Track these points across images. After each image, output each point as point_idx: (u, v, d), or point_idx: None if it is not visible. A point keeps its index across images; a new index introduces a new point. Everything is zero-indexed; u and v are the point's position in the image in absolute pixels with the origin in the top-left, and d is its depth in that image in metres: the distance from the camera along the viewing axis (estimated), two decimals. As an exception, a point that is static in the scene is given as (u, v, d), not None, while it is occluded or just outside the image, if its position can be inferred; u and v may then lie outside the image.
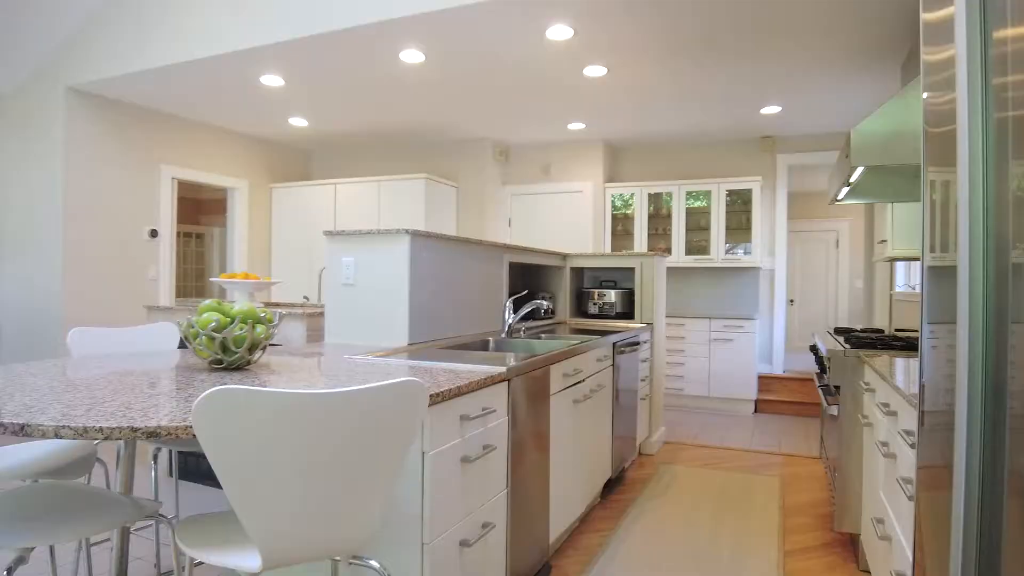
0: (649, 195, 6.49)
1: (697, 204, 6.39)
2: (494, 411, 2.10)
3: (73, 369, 1.93)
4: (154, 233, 5.71)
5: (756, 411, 6.09)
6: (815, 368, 3.82)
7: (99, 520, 1.49)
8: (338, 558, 1.39)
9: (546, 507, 2.62)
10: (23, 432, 1.24)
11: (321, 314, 3.65)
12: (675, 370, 6.12)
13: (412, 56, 4.20)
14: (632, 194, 6.56)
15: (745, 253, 6.21)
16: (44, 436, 1.24)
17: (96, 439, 1.24)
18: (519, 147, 6.95)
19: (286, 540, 1.25)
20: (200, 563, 2.47)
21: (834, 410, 2.88)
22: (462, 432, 1.92)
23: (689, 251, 6.39)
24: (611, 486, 3.81)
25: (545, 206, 6.82)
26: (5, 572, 1.35)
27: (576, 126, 6.08)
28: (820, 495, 3.72)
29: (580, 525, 3.22)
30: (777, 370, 6.43)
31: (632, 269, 4.73)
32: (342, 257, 2.95)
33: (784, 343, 6.50)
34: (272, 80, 4.76)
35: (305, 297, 6.72)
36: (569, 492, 2.92)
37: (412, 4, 3.52)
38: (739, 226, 6.25)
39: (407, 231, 2.78)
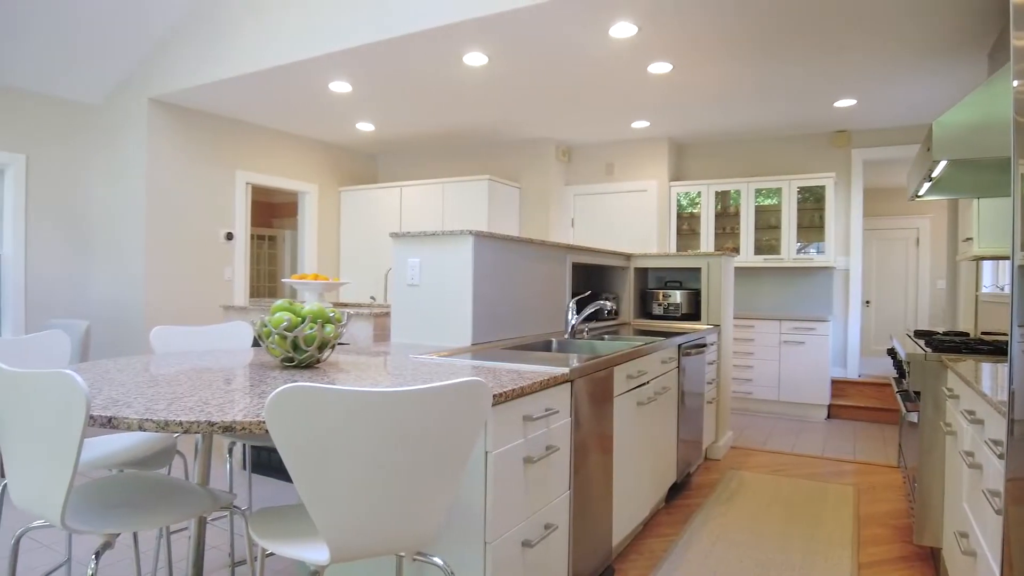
0: (716, 193, 6.34)
1: (767, 202, 6.21)
2: (557, 412, 2.10)
3: (155, 365, 2.03)
4: (230, 236, 5.95)
5: (829, 417, 5.86)
6: (893, 373, 3.65)
7: (179, 510, 1.56)
8: (403, 554, 1.41)
9: (609, 510, 2.59)
10: (110, 424, 1.31)
11: (387, 314, 3.72)
12: (743, 373, 5.96)
13: (476, 59, 4.24)
14: (698, 192, 6.42)
15: (818, 252, 5.99)
16: (129, 428, 1.31)
17: (176, 432, 1.30)
18: (582, 147, 6.91)
19: (353, 535, 1.28)
20: (271, 554, 2.55)
21: (914, 417, 2.74)
22: (525, 432, 1.92)
23: (758, 250, 6.21)
24: (676, 491, 3.74)
25: (608, 206, 6.76)
26: (94, 556, 1.43)
27: (640, 124, 6.00)
28: (898, 505, 3.55)
29: (644, 529, 3.18)
30: (852, 374, 6.17)
31: (698, 269, 4.63)
32: (407, 258, 2.99)
33: (859, 346, 6.24)
34: (340, 86, 4.89)
35: (372, 297, 6.88)
36: (633, 495, 2.89)
37: (477, 6, 3.55)
38: (811, 224, 6.04)
39: (471, 232, 2.80)
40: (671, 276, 4.97)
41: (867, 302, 8.39)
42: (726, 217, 6.41)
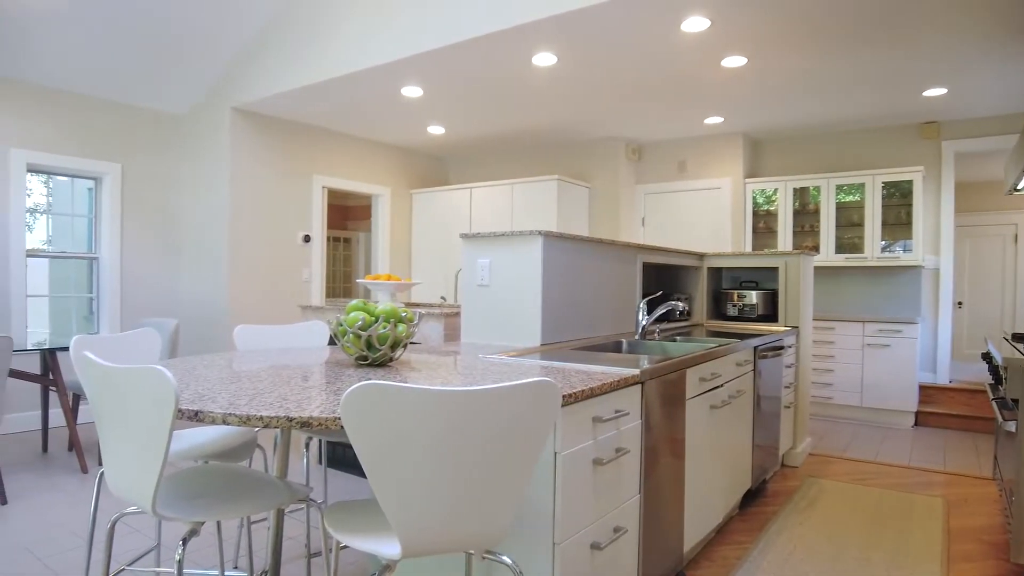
0: (794, 190, 6.12)
1: (849, 198, 5.95)
2: (627, 414, 2.07)
3: (238, 362, 2.12)
4: (307, 238, 6.16)
5: (916, 424, 5.56)
6: (988, 379, 3.43)
7: (259, 501, 1.62)
8: (472, 552, 1.42)
9: (680, 515, 2.54)
10: (196, 418, 1.38)
11: (457, 314, 3.77)
12: (823, 377, 5.73)
13: (545, 59, 4.24)
14: (775, 189, 6.22)
15: (904, 251, 5.70)
16: (213, 422, 1.37)
17: (257, 427, 1.36)
18: (653, 145, 6.80)
19: (424, 531, 1.30)
20: (345, 546, 2.62)
21: (1011, 426, 2.56)
22: (594, 434, 1.90)
23: (840, 249, 5.95)
24: (751, 497, 3.63)
25: (680, 204, 6.63)
26: (181, 542, 1.51)
27: (713, 120, 5.86)
28: (993, 520, 3.33)
29: (717, 536, 3.10)
30: (942, 380, 5.84)
31: (775, 269, 4.48)
32: (477, 259, 3.02)
33: (950, 350, 5.89)
34: (412, 91, 4.98)
35: (442, 297, 6.98)
36: (705, 501, 2.82)
37: (546, 6, 3.55)
38: (897, 221, 5.74)
39: (540, 232, 2.80)
40: (746, 276, 4.82)
41: (959, 303, 7.92)
42: (805, 215, 6.18)
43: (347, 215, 10.25)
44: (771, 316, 4.45)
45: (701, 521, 2.77)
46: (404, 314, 2.09)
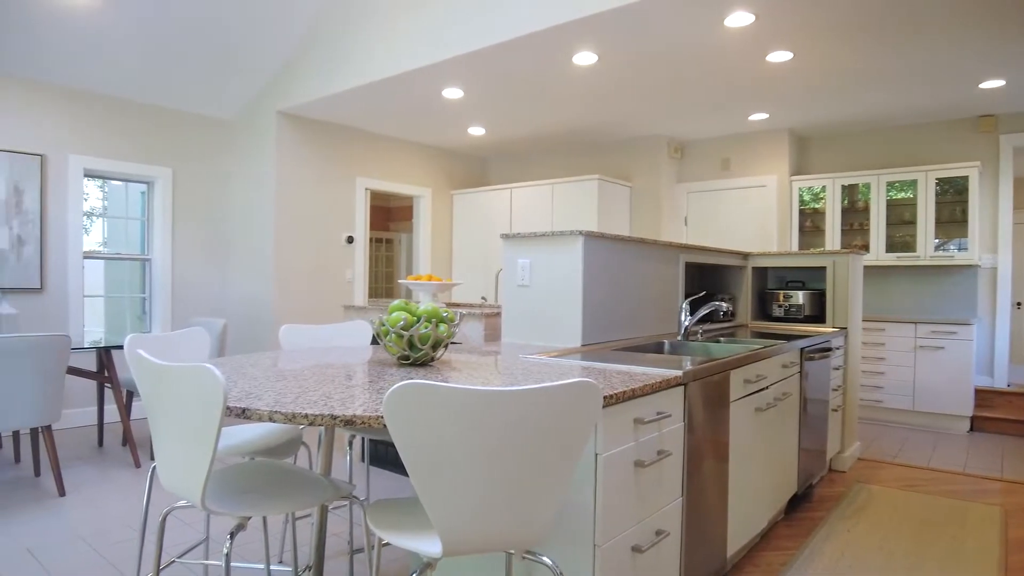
0: (843, 187, 5.97)
1: (900, 195, 5.77)
2: (669, 416, 2.04)
3: (283, 361, 2.16)
4: (350, 239, 6.26)
5: (972, 429, 5.36)
6: (1051, 382, 3.29)
7: (304, 497, 1.65)
8: (512, 551, 1.42)
9: (724, 519, 2.50)
10: (243, 415, 1.41)
11: (498, 314, 3.77)
12: (873, 380, 5.57)
13: (585, 58, 4.22)
14: (823, 187, 6.07)
15: (959, 249, 5.50)
16: (260, 419, 1.40)
17: (302, 424, 1.38)
18: (695, 142, 6.71)
19: (465, 530, 1.31)
20: (387, 543, 2.64)
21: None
22: (636, 436, 1.88)
23: (890, 248, 5.78)
24: (797, 503, 3.55)
25: (724, 203, 6.52)
26: (229, 536, 1.54)
27: (758, 116, 5.75)
28: (1058, 531, 3.19)
29: (761, 541, 3.04)
30: (1000, 383, 5.61)
31: (823, 268, 4.38)
32: (518, 259, 3.02)
33: (1008, 352, 5.67)
34: (452, 93, 5.01)
35: (483, 298, 7.00)
36: (750, 505, 2.77)
37: (586, 5, 3.53)
38: (952, 219, 5.55)
39: (580, 232, 2.79)
40: (792, 276, 4.72)
41: (1019, 304, 7.61)
42: (854, 212, 6.01)
43: (389, 216, 10.37)
44: (818, 317, 4.34)
45: (745, 526, 2.72)
46: (445, 314, 2.10)
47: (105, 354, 4.31)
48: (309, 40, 5.26)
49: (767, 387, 2.91)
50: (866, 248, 5.87)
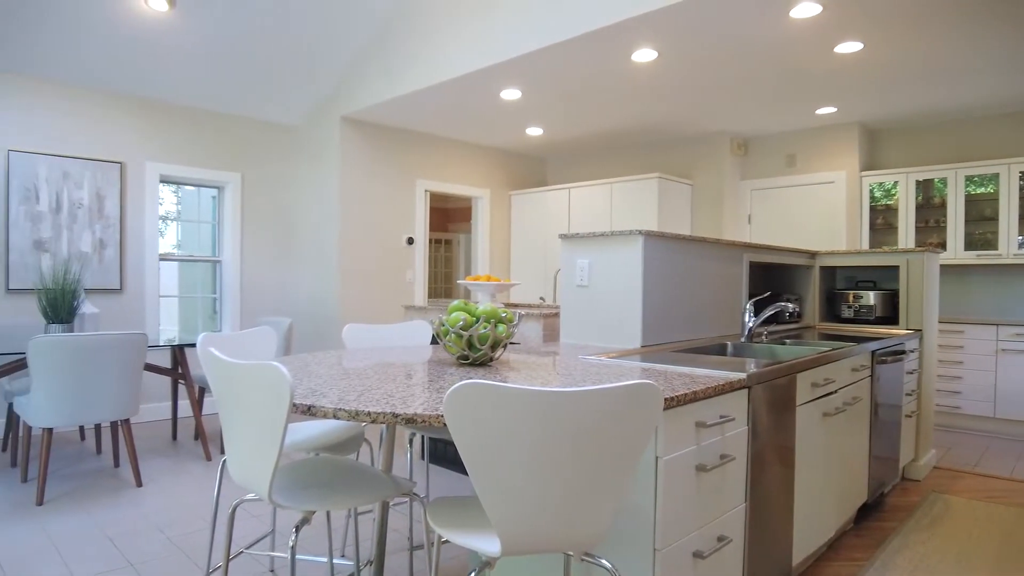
0: (917, 182, 5.70)
1: (980, 190, 5.48)
2: (732, 419, 1.99)
3: (347, 360, 2.21)
4: (410, 240, 6.35)
5: (1062, 438, 5.04)
6: None
7: (366, 493, 1.68)
8: (571, 553, 1.42)
9: (789, 527, 2.42)
10: (309, 412, 1.45)
11: (556, 315, 3.76)
12: (950, 384, 5.30)
13: (645, 55, 4.16)
14: (895, 182, 5.82)
15: (1046, 248, 5.18)
16: (325, 417, 1.43)
17: (365, 422, 1.41)
18: (759, 138, 6.54)
19: (524, 530, 1.31)
20: (446, 541, 2.67)
21: None
22: (697, 439, 1.84)
23: (969, 246, 5.49)
24: (867, 512, 3.41)
25: (790, 200, 6.33)
26: (294, 529, 1.59)
27: (826, 110, 5.56)
28: None
29: (828, 551, 2.93)
30: (1093, 390, 5.26)
31: (895, 268, 4.19)
32: (576, 259, 3.01)
33: (1103, 357, 5.30)
34: (511, 94, 5.03)
35: (541, 298, 7.00)
36: (816, 513, 2.67)
37: (647, 1, 3.48)
38: (1038, 216, 5.23)
39: (640, 232, 2.75)
40: (863, 275, 4.54)
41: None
42: (929, 209, 5.74)
43: (448, 217, 10.49)
44: (891, 318, 4.16)
45: (812, 534, 2.63)
46: (504, 314, 2.11)
47: (179, 352, 4.50)
48: (370, 47, 5.36)
49: (835, 391, 2.81)
50: (942, 246, 5.59)
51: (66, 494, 3.59)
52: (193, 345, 4.39)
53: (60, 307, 3.95)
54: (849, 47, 4.03)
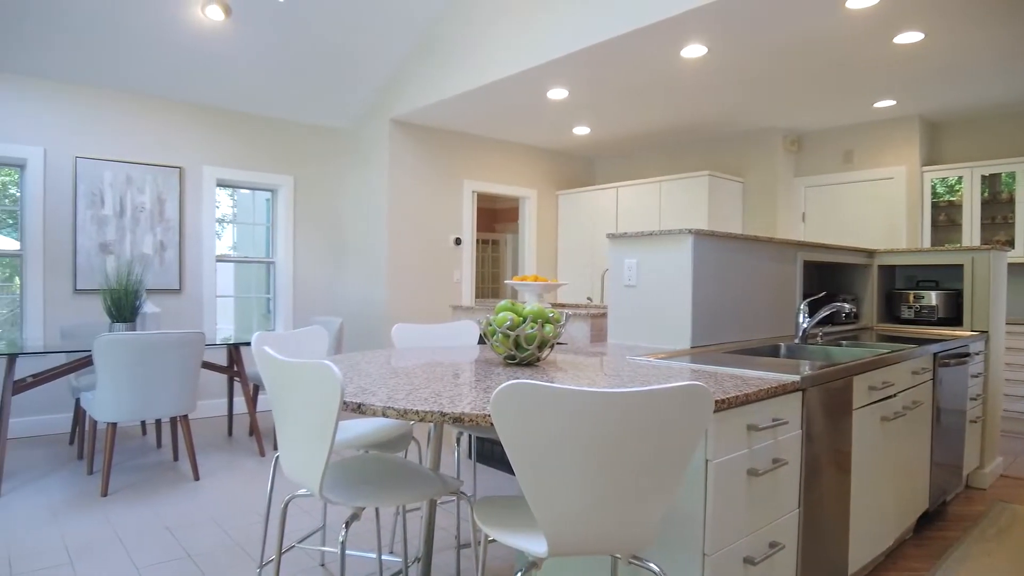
0: (982, 177, 5.46)
1: (1051, 187, 5.21)
2: (786, 423, 1.94)
3: (395, 359, 2.24)
4: (458, 241, 6.40)
5: None
6: None
7: (414, 491, 1.70)
8: (618, 556, 1.40)
9: (845, 534, 2.35)
10: (359, 410, 1.47)
11: (604, 315, 3.74)
12: (1018, 389, 5.06)
13: (694, 51, 4.10)
14: (959, 177, 5.58)
15: (1125, 245, 4.90)
16: (374, 415, 1.45)
17: (413, 420, 1.42)
18: (813, 134, 6.36)
19: (571, 531, 1.30)
20: (493, 540, 2.67)
21: None
22: (749, 442, 1.80)
23: (1039, 244, 5.23)
24: (927, 520, 3.28)
25: (846, 197, 6.14)
26: (344, 525, 1.61)
27: (884, 104, 5.37)
28: None
29: (886, 560, 2.83)
30: None
31: (959, 267, 4.03)
32: (624, 259, 2.98)
33: None
34: (557, 93, 5.02)
35: (588, 298, 6.96)
36: (874, 521, 2.59)
37: (694, -2, 3.43)
38: (1116, 211, 4.95)
39: (690, 231, 2.71)
40: (924, 275, 4.37)
41: None
42: (995, 205, 5.49)
43: (495, 218, 10.52)
44: (954, 319, 4.00)
45: (869, 542, 2.55)
46: (551, 314, 2.10)
47: (234, 350, 4.63)
48: (418, 51, 5.42)
49: (895, 395, 2.71)
50: (1010, 244, 5.34)
51: (128, 486, 3.74)
52: (248, 344, 4.51)
53: (123, 307, 4.11)
54: (909, 37, 3.89)
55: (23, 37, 4.49)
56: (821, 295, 3.51)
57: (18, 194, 5.01)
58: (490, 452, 4.10)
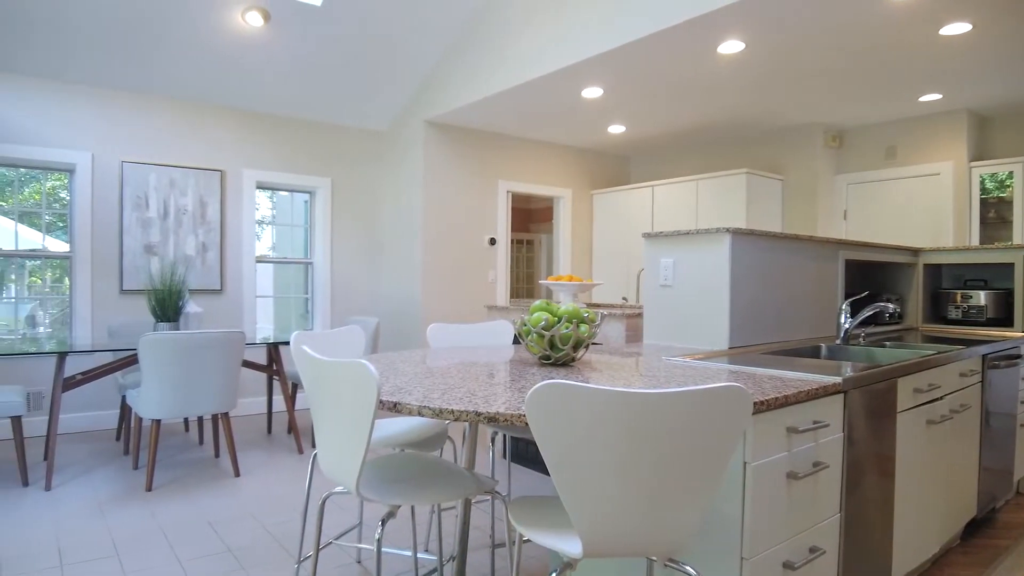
0: (1033, 175, 5.27)
1: (1109, 182, 5.00)
2: (827, 425, 1.90)
3: (431, 358, 2.25)
4: (492, 241, 6.41)
5: None
6: None
7: (449, 490, 1.71)
8: (654, 558, 1.39)
9: (889, 540, 2.29)
10: (395, 409, 1.48)
11: (639, 315, 3.71)
12: (1074, 392, 4.86)
13: (731, 47, 4.04)
14: (1010, 172, 5.39)
15: None
16: (410, 413, 1.46)
17: (448, 419, 1.43)
18: (855, 130, 6.21)
19: (606, 532, 1.29)
20: (528, 540, 2.67)
21: None
22: (789, 445, 1.77)
23: (1096, 242, 5.03)
24: (975, 528, 3.18)
25: (889, 194, 5.99)
26: (380, 523, 1.63)
27: (930, 97, 5.22)
28: None
29: (932, 568, 2.75)
30: None
31: (1010, 265, 3.89)
32: (660, 258, 2.95)
33: None
34: (592, 92, 4.99)
35: (624, 298, 6.91)
36: (919, 527, 2.51)
37: (731, -7, 3.38)
38: None
39: (727, 230, 2.67)
40: (972, 273, 4.23)
41: None
42: (1048, 202, 5.29)
43: (529, 218, 10.52)
44: (1004, 320, 3.86)
45: (913, 549, 2.48)
46: (586, 314, 2.09)
47: (273, 349, 4.72)
48: (452, 52, 5.45)
49: (941, 397, 2.63)
50: (1065, 242, 5.15)
51: (172, 481, 3.84)
52: (287, 343, 4.59)
53: (167, 307, 4.22)
54: (956, 28, 3.77)
55: (74, 47, 4.64)
56: (864, 295, 3.42)
57: (67, 198, 5.18)
58: (525, 452, 4.10)
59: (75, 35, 4.56)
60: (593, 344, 3.07)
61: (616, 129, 6.29)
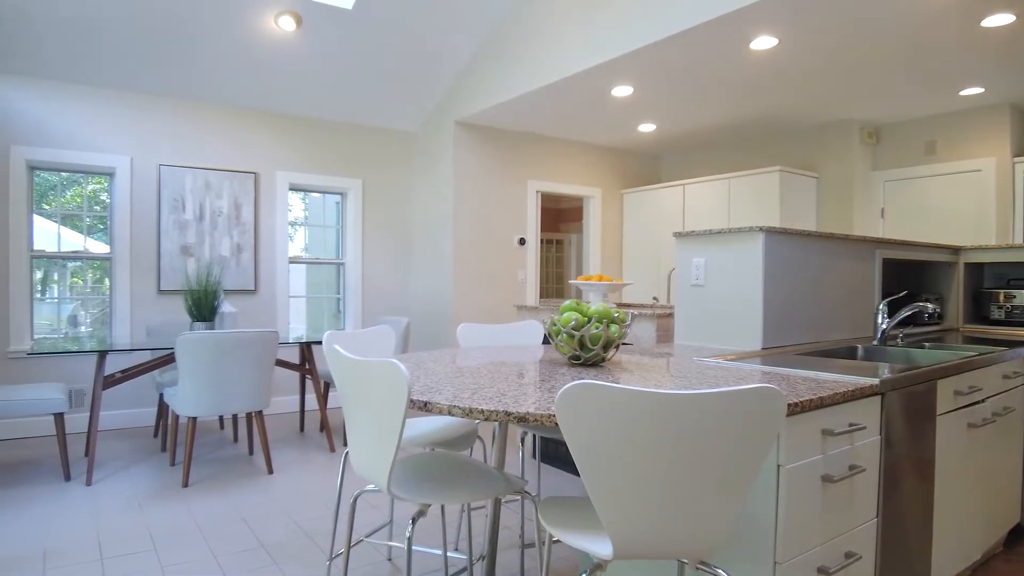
0: (1081, 170, 5.10)
1: None
2: (863, 428, 1.86)
3: (461, 358, 2.26)
4: (522, 241, 6.41)
5: None
6: None
7: (479, 489, 1.71)
8: (685, 561, 1.37)
9: (928, 547, 2.23)
10: (425, 408, 1.49)
11: (670, 315, 3.67)
12: (1125, 395, 4.69)
13: (764, 43, 3.98)
14: (1054, 171, 5.22)
15: None
16: (440, 413, 1.47)
17: (478, 419, 1.43)
18: (893, 125, 6.07)
19: (637, 533, 1.28)
20: (557, 540, 2.67)
21: None
22: (823, 448, 1.74)
23: None
24: (1020, 535, 3.08)
25: (929, 192, 5.84)
26: (411, 521, 1.64)
27: (971, 91, 5.08)
28: None
29: (973, 575, 2.67)
30: None
31: (1055, 265, 3.77)
32: (692, 258, 2.92)
33: None
34: (622, 91, 4.96)
35: (654, 298, 6.86)
36: (960, 533, 2.45)
37: (764, -12, 3.33)
38: None
39: (760, 228, 2.63)
40: (1016, 272, 4.11)
41: None
42: (1097, 199, 5.11)
43: (559, 217, 10.50)
44: (1050, 321, 3.74)
45: (953, 556, 2.41)
46: (616, 314, 2.08)
47: (306, 349, 4.78)
48: (482, 52, 5.46)
49: (983, 400, 2.56)
50: (1115, 240, 4.96)
51: (208, 477, 3.91)
52: (319, 342, 4.64)
53: (203, 307, 4.30)
54: (998, 20, 3.66)
55: (114, 55, 4.76)
56: (902, 295, 3.34)
57: (107, 201, 5.31)
58: (554, 452, 4.09)
59: (115, 43, 4.68)
60: (623, 344, 3.05)
61: (646, 128, 6.25)
